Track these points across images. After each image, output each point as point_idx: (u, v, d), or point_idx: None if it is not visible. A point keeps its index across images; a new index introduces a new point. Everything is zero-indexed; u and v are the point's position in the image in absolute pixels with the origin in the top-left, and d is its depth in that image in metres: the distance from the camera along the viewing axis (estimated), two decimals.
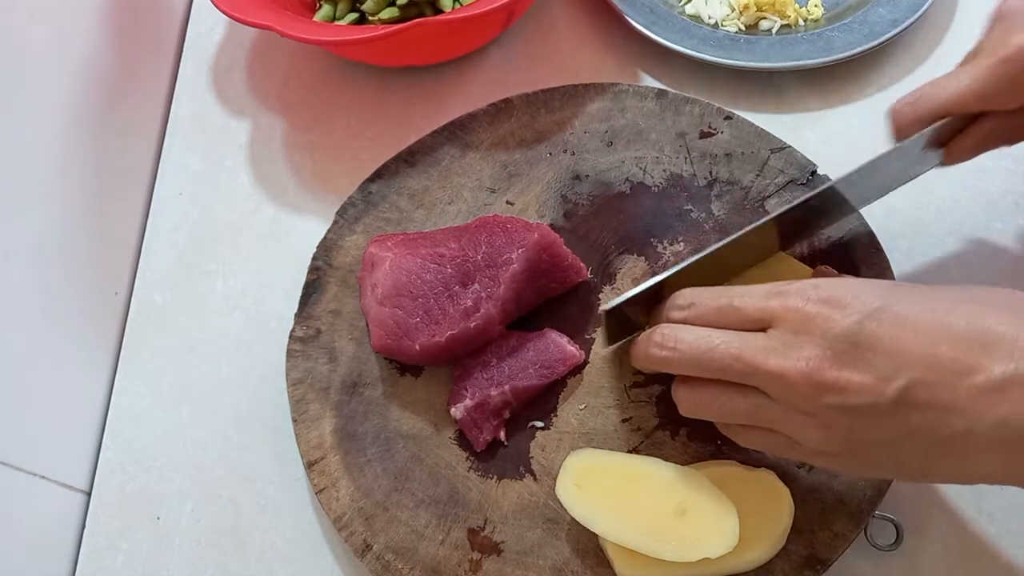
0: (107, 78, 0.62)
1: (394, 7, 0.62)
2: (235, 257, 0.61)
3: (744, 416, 0.41)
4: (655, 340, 0.43)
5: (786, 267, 0.51)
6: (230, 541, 0.52)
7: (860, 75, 0.62)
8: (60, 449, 0.54)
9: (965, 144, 0.46)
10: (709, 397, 0.42)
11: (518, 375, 0.51)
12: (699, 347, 0.41)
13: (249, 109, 0.67)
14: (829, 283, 0.40)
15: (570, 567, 0.47)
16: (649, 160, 0.58)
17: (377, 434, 0.51)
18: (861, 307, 0.38)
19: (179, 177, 0.64)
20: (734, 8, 0.64)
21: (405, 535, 0.49)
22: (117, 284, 0.61)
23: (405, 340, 0.51)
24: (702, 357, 0.41)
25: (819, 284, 0.40)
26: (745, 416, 0.41)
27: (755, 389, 0.40)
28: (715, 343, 0.41)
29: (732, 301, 0.42)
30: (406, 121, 0.64)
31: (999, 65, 0.42)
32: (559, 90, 0.60)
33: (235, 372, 0.57)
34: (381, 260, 0.52)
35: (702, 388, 0.43)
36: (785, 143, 0.57)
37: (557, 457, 0.49)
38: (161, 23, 0.70)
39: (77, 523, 0.54)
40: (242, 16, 0.56)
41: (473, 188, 0.58)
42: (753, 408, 0.41)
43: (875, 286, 0.39)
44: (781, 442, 0.41)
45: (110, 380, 0.58)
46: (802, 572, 0.45)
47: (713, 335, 0.41)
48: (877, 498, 0.46)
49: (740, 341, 0.40)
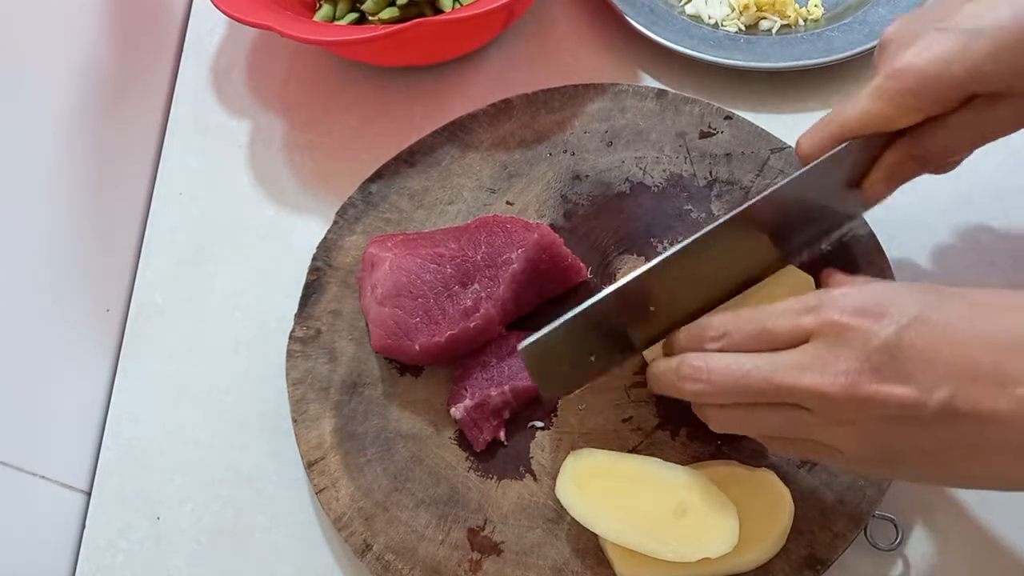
0: (107, 78, 0.62)
1: (394, 7, 0.62)
2: (235, 257, 0.61)
3: (780, 431, 0.41)
4: (685, 373, 0.42)
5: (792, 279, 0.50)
6: (230, 541, 0.52)
7: (860, 75, 0.62)
8: (60, 449, 0.54)
9: (877, 177, 0.47)
10: (742, 415, 0.41)
11: (518, 375, 0.51)
12: (732, 375, 0.40)
13: (249, 109, 0.67)
14: (863, 292, 0.39)
15: (570, 567, 0.47)
16: (649, 160, 0.58)
17: (377, 434, 0.51)
18: (898, 316, 0.37)
19: (179, 177, 0.64)
20: (734, 8, 0.64)
21: (405, 535, 0.49)
22: (117, 284, 0.61)
23: (405, 340, 0.51)
24: (736, 385, 0.40)
25: (852, 294, 0.39)
26: (781, 431, 0.41)
27: (791, 406, 0.39)
28: (747, 369, 0.40)
29: (764, 324, 0.41)
30: (406, 121, 0.64)
31: (884, 83, 0.43)
32: (559, 90, 0.60)
33: (235, 372, 0.57)
34: (381, 260, 0.52)
35: (734, 410, 0.42)
36: (785, 143, 0.57)
37: (557, 457, 0.49)
38: (161, 23, 0.70)
39: (77, 523, 0.54)
40: (242, 16, 0.56)
41: (473, 188, 0.58)
42: (789, 423, 0.40)
43: (910, 291, 0.38)
44: (818, 451, 0.40)
45: (110, 380, 0.58)
46: (802, 572, 0.45)
47: (744, 361, 0.40)
48: (877, 498, 0.46)
49: (772, 363, 0.39)
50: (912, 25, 0.44)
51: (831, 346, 0.38)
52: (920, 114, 0.43)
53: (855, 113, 0.44)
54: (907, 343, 0.36)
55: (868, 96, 0.44)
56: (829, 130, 0.45)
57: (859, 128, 0.45)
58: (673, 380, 0.43)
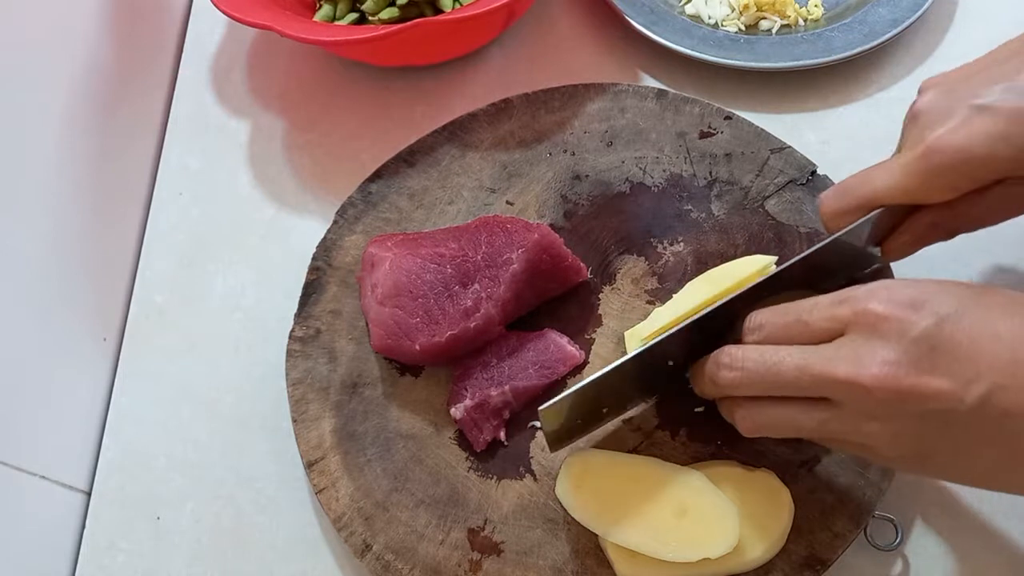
0: (107, 78, 0.62)
1: (394, 7, 0.63)
2: (235, 257, 0.61)
3: (811, 432, 0.40)
4: (723, 362, 0.41)
5: None
6: (230, 541, 0.52)
7: (860, 75, 0.62)
8: (60, 449, 0.54)
9: (902, 240, 0.46)
10: (773, 416, 0.41)
11: (518, 375, 0.51)
12: (765, 363, 0.40)
13: (249, 109, 0.67)
14: (901, 284, 0.38)
15: (570, 567, 0.47)
16: (649, 160, 0.58)
17: (377, 434, 0.51)
18: (938, 309, 0.36)
19: (179, 177, 0.64)
20: (734, 8, 0.64)
21: (405, 535, 0.49)
22: (117, 284, 0.61)
23: (405, 340, 0.51)
24: (768, 373, 0.40)
25: (891, 285, 0.38)
26: (812, 432, 0.40)
27: (822, 402, 0.39)
28: (780, 357, 0.39)
29: (800, 315, 0.40)
30: (406, 121, 0.64)
31: (916, 161, 0.42)
32: (559, 90, 0.60)
33: (235, 372, 0.57)
34: (381, 260, 0.52)
35: (765, 407, 0.41)
36: (785, 143, 0.57)
37: (557, 457, 0.49)
38: (161, 23, 0.70)
39: (77, 523, 0.54)
40: (242, 16, 0.56)
41: (473, 188, 0.58)
42: (821, 424, 0.39)
43: (948, 288, 0.38)
44: (847, 446, 0.40)
45: (110, 380, 0.58)
46: (802, 572, 0.45)
47: (780, 350, 0.40)
48: (877, 498, 0.46)
49: (806, 353, 0.39)
50: (946, 100, 0.42)
51: (868, 337, 0.37)
52: (954, 193, 0.42)
53: (885, 185, 0.43)
54: (947, 335, 0.36)
55: (900, 170, 0.43)
56: (857, 196, 0.44)
57: (888, 200, 0.44)
58: (713, 371, 0.42)
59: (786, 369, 0.39)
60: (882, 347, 0.36)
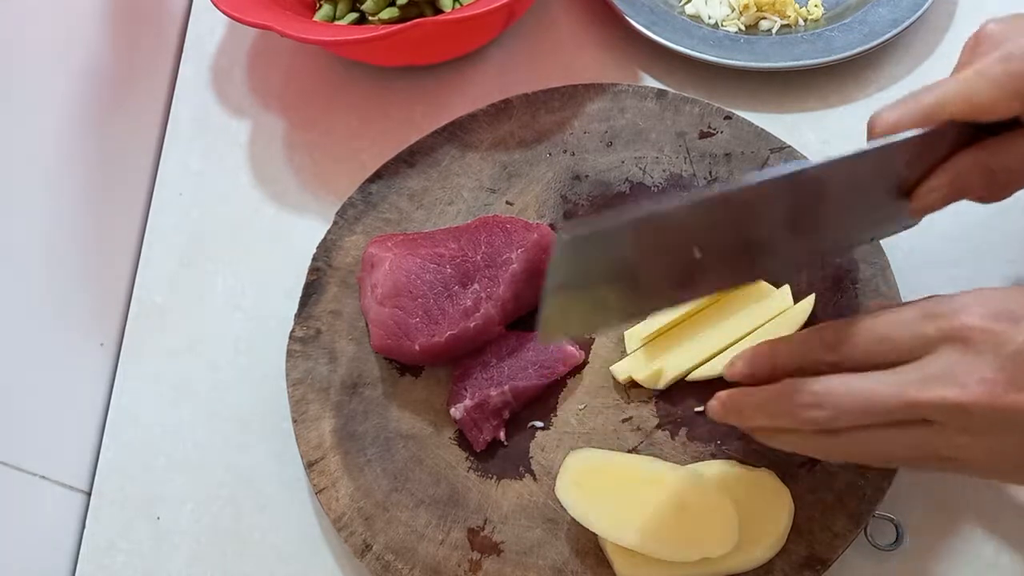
0: (107, 78, 0.62)
1: (394, 7, 0.63)
2: (235, 257, 0.61)
3: (903, 457, 0.39)
4: (807, 402, 0.38)
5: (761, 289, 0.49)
6: (230, 541, 0.52)
7: (860, 75, 0.62)
8: (60, 449, 0.54)
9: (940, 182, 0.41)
10: (861, 444, 0.38)
11: (518, 375, 0.51)
12: (855, 397, 0.37)
13: (249, 109, 0.67)
14: (989, 294, 0.37)
15: (570, 567, 0.47)
16: (649, 160, 0.58)
17: (377, 434, 0.51)
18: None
19: (179, 177, 0.64)
20: (734, 8, 0.64)
21: (405, 535, 0.49)
22: (117, 284, 0.61)
23: (405, 340, 0.51)
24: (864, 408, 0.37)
25: (980, 298, 0.37)
26: (905, 456, 0.39)
27: (917, 423, 0.37)
28: (871, 387, 0.37)
29: (882, 334, 0.38)
30: (406, 121, 0.64)
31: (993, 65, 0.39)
32: (559, 90, 0.60)
33: (235, 372, 0.57)
34: (381, 260, 0.52)
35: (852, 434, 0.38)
36: (785, 143, 0.57)
37: (557, 457, 0.49)
38: (161, 23, 0.70)
39: (77, 523, 0.54)
40: (242, 16, 0.56)
41: (473, 188, 0.58)
42: (914, 448, 0.37)
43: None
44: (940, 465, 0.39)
45: (110, 380, 0.58)
46: (802, 572, 0.45)
47: (867, 379, 0.37)
48: (877, 498, 0.46)
49: (898, 378, 0.37)
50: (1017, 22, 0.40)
51: (962, 353, 0.36)
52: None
53: (955, 91, 0.39)
54: None
55: (974, 74, 0.39)
56: (922, 103, 0.39)
57: (958, 107, 0.39)
58: (789, 408, 0.39)
59: (882, 400, 0.37)
60: (978, 364, 0.35)
